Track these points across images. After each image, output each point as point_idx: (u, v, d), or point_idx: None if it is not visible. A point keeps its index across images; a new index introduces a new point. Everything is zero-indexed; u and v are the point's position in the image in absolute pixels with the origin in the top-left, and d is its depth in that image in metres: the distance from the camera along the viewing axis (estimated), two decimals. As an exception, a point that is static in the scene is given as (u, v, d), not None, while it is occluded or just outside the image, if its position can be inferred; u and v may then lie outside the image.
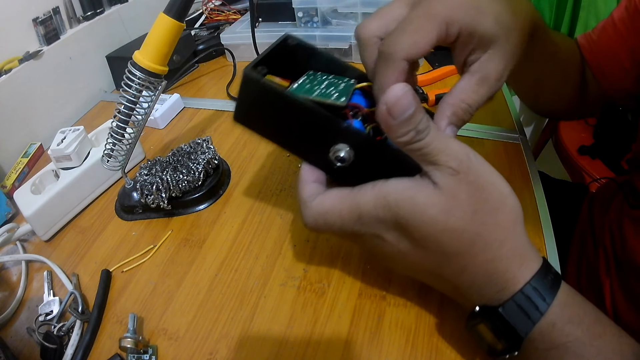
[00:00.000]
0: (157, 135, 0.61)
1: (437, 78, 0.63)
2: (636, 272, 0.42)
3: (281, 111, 0.28)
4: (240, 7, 0.90)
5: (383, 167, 0.27)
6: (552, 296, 0.25)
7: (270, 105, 0.28)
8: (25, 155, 0.59)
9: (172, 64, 0.70)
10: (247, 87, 0.29)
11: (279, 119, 0.29)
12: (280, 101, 0.27)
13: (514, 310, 0.24)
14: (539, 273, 0.25)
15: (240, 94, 0.29)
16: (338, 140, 0.27)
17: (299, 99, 0.27)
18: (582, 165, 0.96)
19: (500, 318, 0.25)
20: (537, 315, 0.24)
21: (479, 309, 0.26)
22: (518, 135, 0.50)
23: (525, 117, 1.34)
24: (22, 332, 0.37)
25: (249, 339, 0.33)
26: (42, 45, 0.63)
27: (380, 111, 0.24)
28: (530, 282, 0.25)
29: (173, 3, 0.37)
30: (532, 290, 0.24)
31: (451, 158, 0.24)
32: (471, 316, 0.27)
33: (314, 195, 0.28)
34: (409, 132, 0.24)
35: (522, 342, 0.24)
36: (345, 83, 0.31)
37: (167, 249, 0.42)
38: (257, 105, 0.29)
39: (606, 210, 0.53)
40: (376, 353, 0.30)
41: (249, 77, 0.28)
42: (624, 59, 0.41)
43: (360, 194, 0.26)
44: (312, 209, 0.27)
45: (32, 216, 0.43)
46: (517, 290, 0.24)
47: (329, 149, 0.27)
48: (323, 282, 0.36)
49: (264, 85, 0.27)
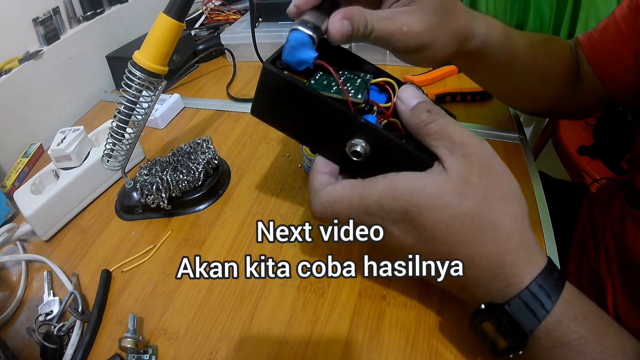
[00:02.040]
0: (157, 135, 0.61)
1: (437, 78, 0.63)
2: (638, 271, 0.42)
3: (300, 106, 0.28)
4: (240, 7, 0.90)
5: (397, 162, 0.27)
6: (557, 294, 0.25)
7: (290, 99, 0.28)
8: (25, 155, 0.59)
9: (172, 64, 0.70)
10: (266, 81, 0.29)
11: (298, 113, 0.29)
12: (301, 96, 0.28)
13: (520, 308, 0.24)
14: (545, 271, 0.25)
15: (259, 88, 0.29)
16: (355, 135, 0.27)
17: (319, 95, 0.27)
18: (582, 165, 0.96)
19: (506, 315, 0.24)
20: (543, 313, 0.24)
21: (485, 306, 0.26)
22: (518, 135, 0.50)
23: (525, 117, 1.34)
24: (22, 332, 0.37)
25: (249, 339, 0.33)
26: (42, 45, 0.63)
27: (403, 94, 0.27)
28: (537, 279, 0.25)
29: (173, 3, 0.38)
30: (538, 288, 0.24)
31: (465, 140, 0.25)
32: (476, 314, 0.27)
33: (324, 185, 0.28)
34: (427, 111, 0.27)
35: (527, 340, 0.24)
36: (361, 79, 0.31)
37: (167, 249, 0.42)
38: (276, 99, 0.29)
39: (607, 210, 0.53)
40: (376, 353, 0.30)
41: (270, 71, 0.28)
42: (626, 56, 0.41)
43: (372, 184, 0.26)
44: (322, 197, 0.28)
45: (32, 216, 0.43)
46: (523, 287, 0.24)
47: (346, 143, 0.27)
48: (323, 282, 0.36)
49: (284, 79, 0.27)
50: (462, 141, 0.26)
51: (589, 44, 0.44)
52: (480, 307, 0.26)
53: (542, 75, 0.43)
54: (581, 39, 0.45)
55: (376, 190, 0.26)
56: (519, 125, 0.52)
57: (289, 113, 0.30)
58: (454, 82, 0.63)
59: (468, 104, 0.57)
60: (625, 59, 0.41)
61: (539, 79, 0.43)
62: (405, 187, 0.25)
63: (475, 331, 0.27)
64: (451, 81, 0.63)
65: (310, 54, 0.28)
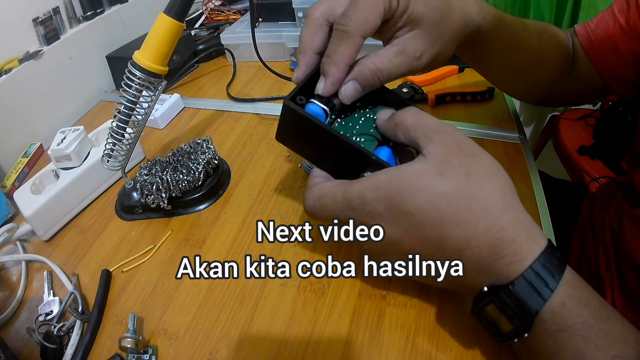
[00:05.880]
0: (157, 135, 0.61)
1: (436, 78, 0.63)
2: (635, 269, 0.42)
3: (318, 139, 0.31)
4: (240, 7, 0.90)
5: None
6: (560, 274, 0.24)
7: (307, 132, 0.31)
8: (25, 155, 0.59)
9: (172, 64, 0.70)
10: (287, 116, 0.31)
11: (316, 145, 0.32)
12: (318, 131, 0.30)
13: (524, 287, 0.24)
14: (547, 250, 0.25)
15: (281, 120, 0.32)
16: (368, 168, 0.29)
17: (334, 132, 0.29)
18: (582, 165, 0.96)
19: (511, 295, 0.24)
20: (548, 293, 0.24)
21: (488, 288, 0.25)
22: (518, 135, 0.50)
23: (525, 117, 1.34)
24: (22, 332, 0.37)
25: (249, 339, 0.33)
26: (42, 45, 0.63)
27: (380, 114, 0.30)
28: (540, 258, 0.24)
29: (173, 3, 0.38)
30: (542, 267, 0.24)
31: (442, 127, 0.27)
32: (479, 297, 0.26)
33: (318, 182, 0.30)
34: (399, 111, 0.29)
35: (533, 320, 0.24)
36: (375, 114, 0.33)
37: (167, 249, 0.42)
38: (297, 132, 0.32)
39: (606, 209, 0.53)
40: (376, 353, 0.30)
41: (291, 109, 0.30)
42: (623, 50, 0.42)
43: (356, 181, 0.28)
44: (313, 192, 0.30)
45: (32, 216, 0.43)
46: (527, 266, 0.24)
47: (359, 174, 0.29)
48: (323, 282, 0.36)
49: (304, 117, 0.30)
50: (439, 128, 0.27)
51: (585, 33, 0.45)
52: (483, 290, 0.26)
53: (536, 58, 0.44)
54: (577, 28, 0.46)
55: (359, 184, 0.27)
56: (519, 125, 0.52)
57: (309, 143, 0.33)
58: (454, 82, 0.63)
59: (468, 104, 0.57)
60: (622, 52, 0.42)
61: (534, 62, 0.44)
62: (386, 176, 0.26)
63: (478, 316, 0.27)
64: (451, 81, 0.63)
65: None
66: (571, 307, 0.24)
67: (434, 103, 0.57)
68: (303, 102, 0.31)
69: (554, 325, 0.24)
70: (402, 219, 0.25)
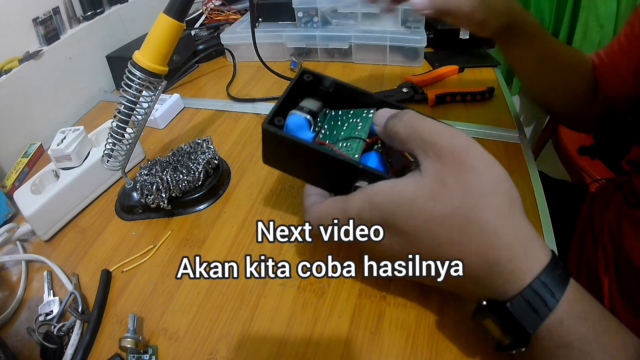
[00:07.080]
0: (157, 135, 0.61)
1: (437, 78, 0.63)
2: (633, 270, 0.42)
3: (305, 158, 0.31)
4: (240, 7, 0.90)
5: None
6: (561, 292, 0.24)
7: (294, 153, 0.31)
8: (25, 155, 0.59)
9: (172, 64, 0.70)
10: (269, 140, 0.32)
11: (304, 163, 0.32)
12: (304, 150, 0.30)
13: (521, 306, 0.24)
14: (548, 267, 0.24)
15: (264, 144, 0.32)
16: (358, 178, 0.29)
17: (320, 149, 0.29)
18: (582, 165, 0.96)
19: (508, 314, 0.24)
20: (546, 312, 0.23)
21: (486, 303, 0.25)
22: (518, 135, 0.50)
23: (525, 117, 1.34)
24: (22, 332, 0.37)
25: (249, 339, 0.33)
26: (42, 45, 0.63)
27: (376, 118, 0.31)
28: (540, 277, 0.24)
29: (173, 3, 0.37)
30: (541, 286, 0.24)
31: (436, 137, 0.26)
32: (477, 310, 0.26)
33: (313, 203, 0.31)
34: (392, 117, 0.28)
35: (529, 338, 0.24)
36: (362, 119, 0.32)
37: (167, 249, 0.42)
38: (282, 153, 0.32)
39: (606, 209, 0.53)
40: (376, 353, 0.30)
41: (269, 132, 0.30)
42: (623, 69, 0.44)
43: (350, 199, 0.28)
44: (311, 215, 0.30)
45: (32, 216, 0.43)
46: (526, 284, 0.24)
47: (351, 186, 0.29)
48: (323, 282, 0.36)
49: (285, 138, 0.30)
50: (433, 139, 0.26)
51: (598, 61, 0.48)
52: (481, 304, 0.26)
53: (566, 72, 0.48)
54: (592, 58, 0.49)
55: (354, 203, 0.27)
56: (519, 125, 0.52)
57: (295, 162, 0.33)
58: (454, 82, 0.63)
59: (468, 104, 0.57)
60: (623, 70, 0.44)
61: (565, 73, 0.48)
62: (380, 198, 0.26)
63: (477, 326, 0.27)
64: (451, 81, 0.63)
65: (307, 135, 0.31)
66: (569, 325, 0.24)
67: (434, 103, 0.57)
68: (281, 122, 0.31)
69: (551, 342, 0.24)
70: (398, 235, 0.26)
